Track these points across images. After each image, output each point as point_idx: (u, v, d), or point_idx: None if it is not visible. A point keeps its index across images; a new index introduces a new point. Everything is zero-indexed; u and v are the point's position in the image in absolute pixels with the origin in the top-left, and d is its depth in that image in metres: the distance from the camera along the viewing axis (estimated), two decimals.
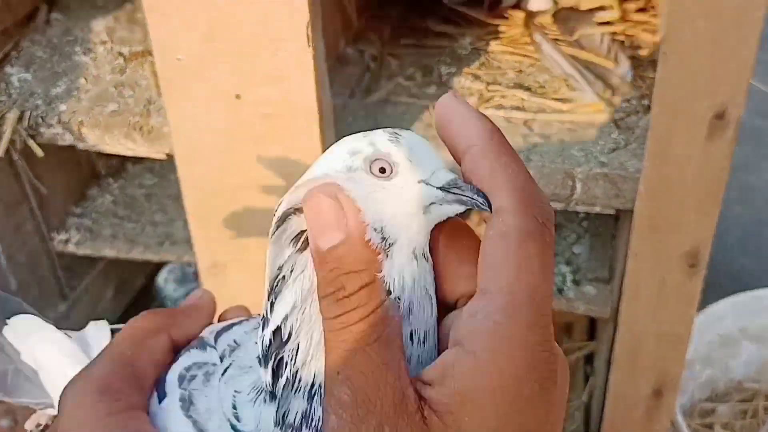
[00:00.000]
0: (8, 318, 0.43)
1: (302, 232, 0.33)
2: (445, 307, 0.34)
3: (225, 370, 0.35)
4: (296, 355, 0.32)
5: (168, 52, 0.69)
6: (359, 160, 0.33)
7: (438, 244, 0.34)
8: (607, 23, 1.01)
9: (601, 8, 1.05)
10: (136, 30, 1.05)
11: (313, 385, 0.32)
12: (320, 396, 0.31)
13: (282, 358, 0.33)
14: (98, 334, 0.43)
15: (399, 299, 0.32)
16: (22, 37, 1.05)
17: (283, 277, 0.33)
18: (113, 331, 0.44)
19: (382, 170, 0.33)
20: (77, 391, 0.34)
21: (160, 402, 0.35)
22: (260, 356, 0.33)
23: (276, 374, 0.33)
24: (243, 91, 0.69)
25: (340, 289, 0.31)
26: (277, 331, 0.33)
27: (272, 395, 0.33)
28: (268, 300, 0.34)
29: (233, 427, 0.33)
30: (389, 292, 0.32)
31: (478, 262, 0.31)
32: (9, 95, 0.95)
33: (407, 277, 0.32)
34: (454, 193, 0.32)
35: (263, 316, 0.34)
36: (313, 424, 0.31)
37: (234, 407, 0.34)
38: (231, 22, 0.66)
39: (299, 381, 0.32)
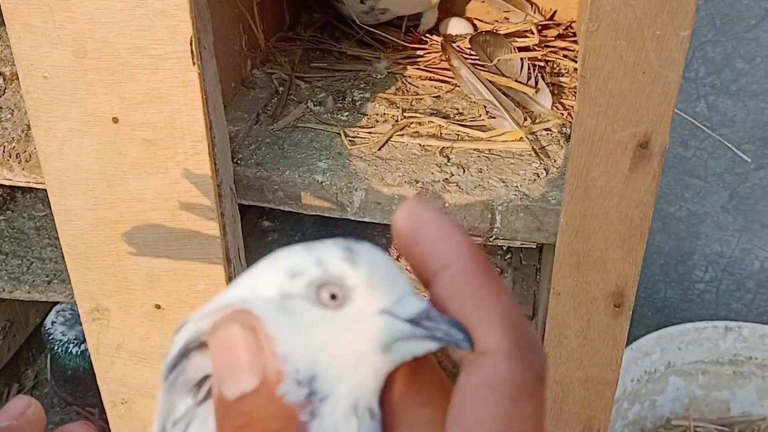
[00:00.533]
0: None
1: (208, 377, 0.25)
2: None
3: None
4: None
5: (33, 68, 0.61)
6: (301, 285, 0.25)
7: (388, 379, 0.26)
8: (527, 49, 0.97)
9: (521, 34, 1.01)
10: None
11: None
12: None
13: None
14: None
15: None
16: None
17: None
18: None
19: (333, 297, 0.25)
20: None
21: None
22: None
23: None
24: (121, 114, 0.61)
25: None
26: None
27: None
28: None
29: None
30: None
31: (452, 412, 0.24)
32: None
33: None
34: (425, 327, 0.25)
35: None
36: None
37: None
38: (105, 35, 0.58)
39: None
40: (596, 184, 0.59)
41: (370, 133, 0.84)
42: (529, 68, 0.90)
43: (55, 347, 1.02)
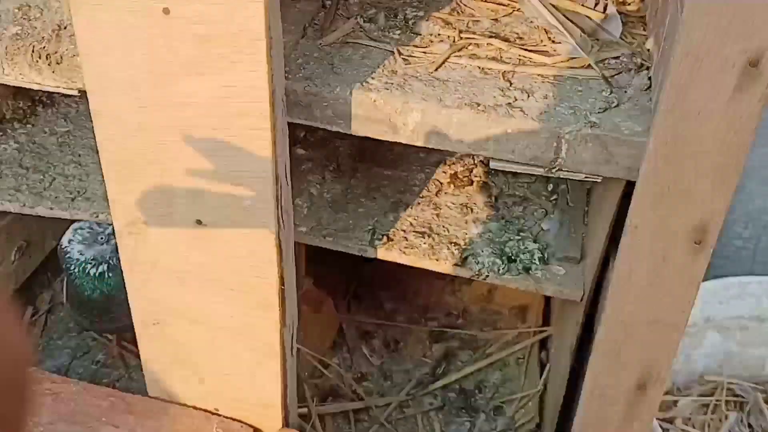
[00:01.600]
0: None
1: None
2: None
3: None
4: None
5: None
6: None
7: None
8: None
9: None
10: None
11: None
12: None
13: None
14: None
15: None
16: None
17: None
18: None
19: None
20: None
21: None
22: None
23: None
24: (173, 4, 0.56)
25: None
26: None
27: None
28: None
29: None
30: None
31: None
32: None
33: None
34: None
35: None
36: None
37: None
38: None
39: None
40: (695, 106, 0.53)
41: (425, 52, 0.79)
42: None
43: (72, 268, 0.98)
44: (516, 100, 0.72)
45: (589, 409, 0.73)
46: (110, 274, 0.97)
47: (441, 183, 1.01)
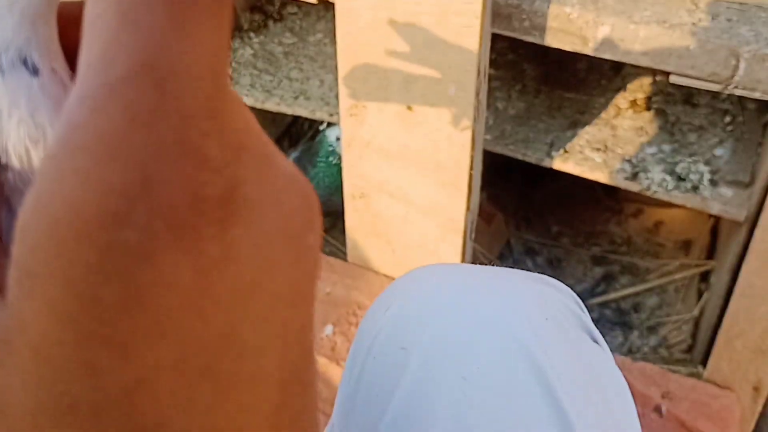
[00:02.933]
0: None
1: None
2: None
3: None
4: None
5: None
6: None
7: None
8: None
9: None
10: None
11: None
12: None
13: None
14: None
15: None
16: None
17: None
18: None
19: None
20: None
21: None
22: None
23: None
24: None
25: None
26: None
27: None
28: None
29: None
30: None
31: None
32: None
33: None
34: None
35: None
36: None
37: None
38: None
39: None
40: None
41: None
42: None
43: (332, 159, 1.16)
44: (701, 20, 0.79)
45: (739, 306, 0.80)
46: None
47: (620, 108, 1.09)
